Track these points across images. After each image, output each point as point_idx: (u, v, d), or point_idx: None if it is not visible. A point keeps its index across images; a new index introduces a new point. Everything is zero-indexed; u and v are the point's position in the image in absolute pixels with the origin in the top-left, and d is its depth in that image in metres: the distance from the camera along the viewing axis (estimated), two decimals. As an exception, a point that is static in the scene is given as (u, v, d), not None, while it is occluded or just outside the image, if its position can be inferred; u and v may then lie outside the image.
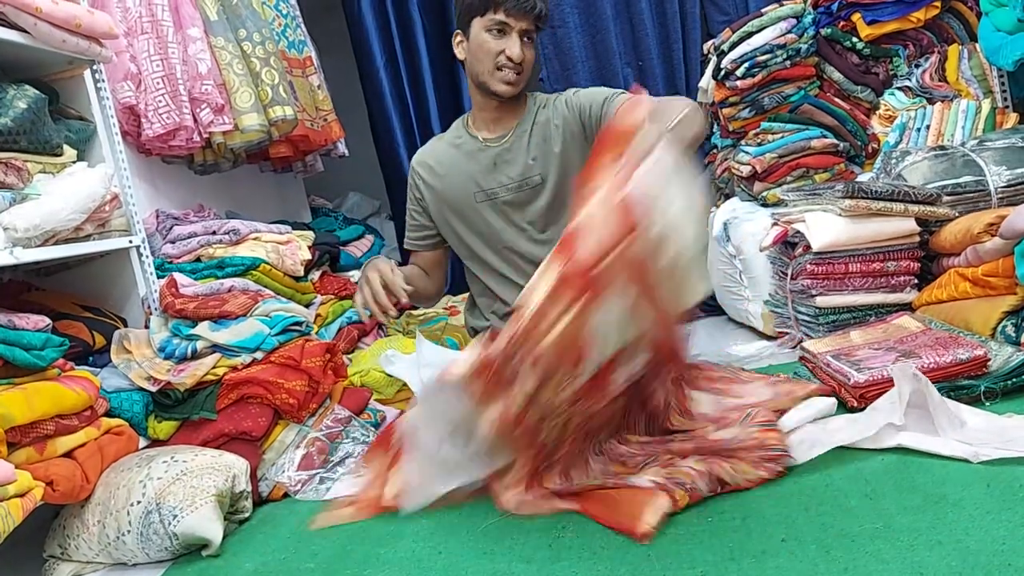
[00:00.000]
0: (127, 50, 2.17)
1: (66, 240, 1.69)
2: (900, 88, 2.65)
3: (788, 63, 2.77)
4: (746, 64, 2.75)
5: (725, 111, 2.92)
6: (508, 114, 1.84)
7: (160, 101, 2.18)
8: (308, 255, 2.44)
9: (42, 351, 1.53)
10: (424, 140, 3.47)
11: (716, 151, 3.17)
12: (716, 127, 3.12)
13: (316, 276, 2.63)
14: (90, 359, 1.84)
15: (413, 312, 3.12)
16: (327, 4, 3.60)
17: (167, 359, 1.82)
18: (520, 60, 1.73)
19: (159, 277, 2.02)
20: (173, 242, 2.15)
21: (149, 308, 1.98)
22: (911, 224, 2.03)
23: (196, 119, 2.27)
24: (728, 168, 2.95)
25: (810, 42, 2.78)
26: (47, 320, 1.59)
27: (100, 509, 1.53)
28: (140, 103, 2.18)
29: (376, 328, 2.92)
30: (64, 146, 1.74)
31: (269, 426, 1.83)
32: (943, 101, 2.45)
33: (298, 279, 2.37)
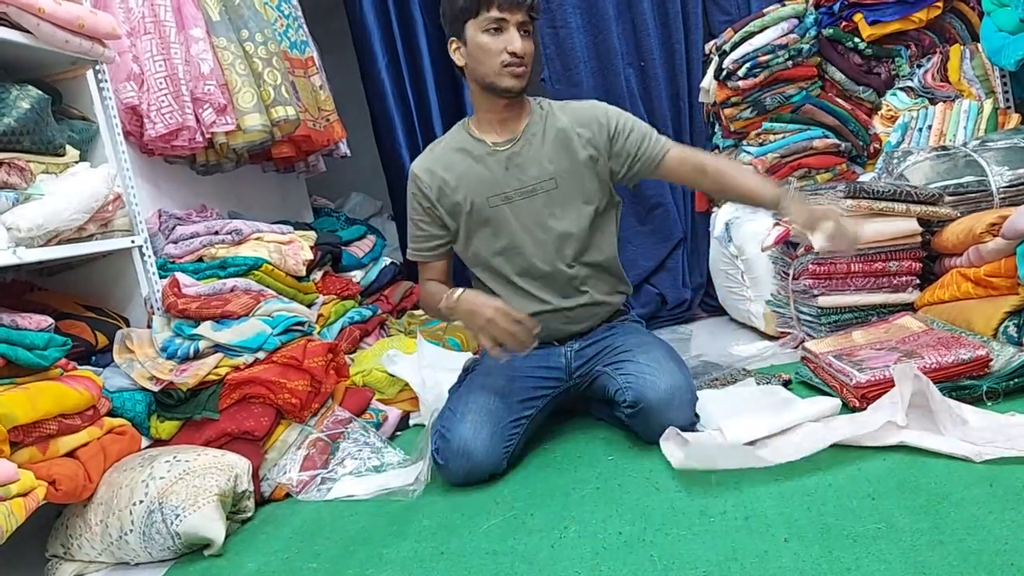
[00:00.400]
0: (130, 50, 2.17)
1: (69, 240, 1.70)
2: (902, 88, 2.65)
3: (790, 63, 2.78)
4: (748, 64, 2.76)
5: (727, 111, 2.92)
6: (514, 115, 1.83)
7: (163, 101, 2.18)
8: (310, 255, 2.44)
9: (45, 351, 1.53)
10: (426, 140, 3.50)
11: (718, 151, 3.17)
12: (718, 127, 3.12)
13: (318, 276, 2.63)
14: (93, 359, 1.84)
15: (415, 312, 3.13)
16: (329, 4, 3.60)
17: (169, 359, 1.82)
18: (523, 53, 1.73)
19: (161, 277, 2.02)
20: (175, 242, 2.15)
21: (151, 308, 1.98)
22: (913, 224, 2.03)
23: (198, 119, 2.27)
24: (730, 168, 2.95)
25: (812, 42, 2.78)
26: (50, 320, 1.59)
27: (103, 509, 1.54)
28: (143, 103, 2.18)
29: (377, 328, 2.92)
30: (67, 146, 1.75)
31: (271, 426, 1.83)
32: (945, 101, 2.44)
33: (300, 279, 2.37)
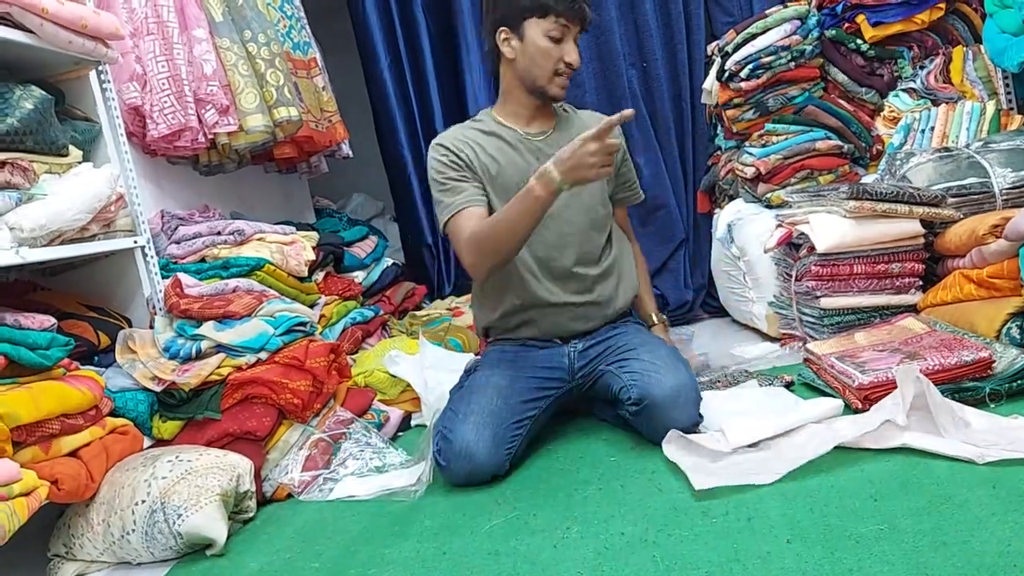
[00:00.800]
0: (133, 51, 2.18)
1: (72, 240, 1.70)
2: (905, 90, 2.64)
3: (792, 65, 2.77)
4: (750, 65, 2.75)
5: (729, 112, 2.91)
6: (544, 112, 1.88)
7: (165, 102, 2.19)
8: (312, 256, 2.44)
9: (47, 351, 1.53)
10: (428, 141, 3.46)
11: (720, 153, 3.17)
12: (720, 129, 3.12)
13: (320, 277, 2.63)
14: (95, 359, 1.85)
15: (417, 313, 3.13)
16: (332, 5, 3.60)
17: (172, 359, 1.82)
18: (577, 65, 1.80)
19: (164, 277, 2.02)
20: (178, 242, 2.15)
21: (154, 308, 1.98)
22: (916, 226, 2.03)
23: (201, 120, 2.27)
24: (732, 170, 2.95)
25: (814, 44, 2.78)
26: (52, 320, 1.60)
27: (105, 508, 1.54)
28: (145, 104, 2.18)
29: (379, 329, 2.92)
30: (70, 146, 1.75)
31: (273, 426, 1.83)
32: (948, 103, 2.44)
33: (302, 279, 2.37)
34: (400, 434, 2.21)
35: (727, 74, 2.84)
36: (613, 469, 1.58)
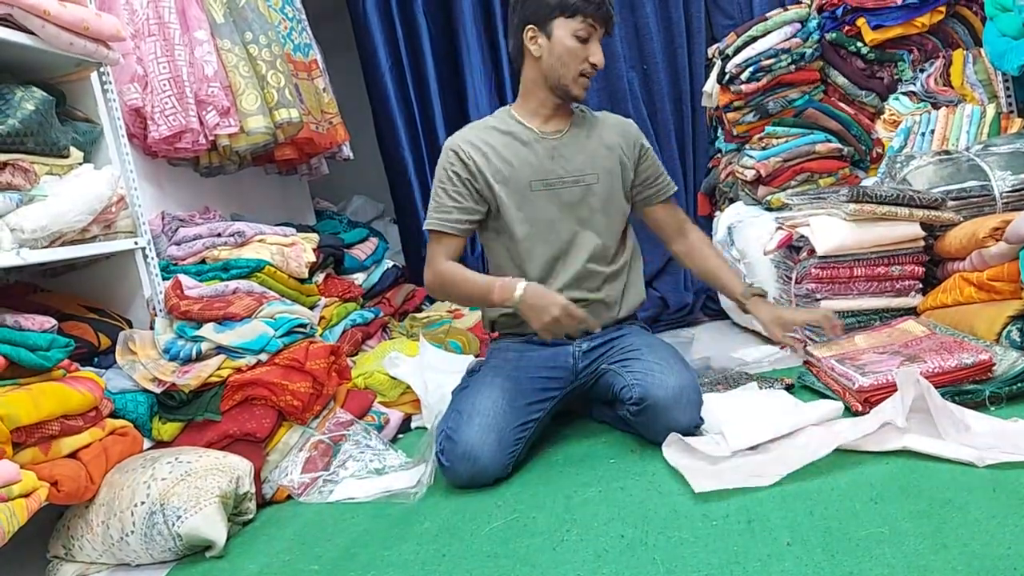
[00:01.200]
0: (134, 52, 2.18)
1: (72, 241, 1.70)
2: (905, 93, 2.65)
3: (793, 67, 2.78)
4: (751, 68, 2.76)
5: (730, 115, 2.92)
6: (562, 112, 1.90)
7: (166, 103, 2.19)
8: (313, 257, 2.44)
9: (48, 352, 1.53)
10: (429, 143, 3.51)
11: (720, 155, 3.17)
12: (720, 131, 3.13)
13: (320, 278, 2.63)
14: (95, 360, 1.85)
15: (417, 315, 3.13)
16: (333, 7, 3.61)
17: (172, 360, 1.82)
18: (602, 66, 1.82)
19: (164, 279, 2.02)
20: (178, 244, 2.15)
21: (154, 310, 1.98)
22: (916, 228, 2.03)
23: (202, 121, 2.27)
24: (732, 172, 2.95)
25: (815, 47, 2.78)
26: (53, 321, 1.60)
27: (104, 510, 1.54)
28: (146, 105, 2.19)
29: (379, 331, 2.92)
30: (71, 148, 1.75)
31: (273, 428, 1.83)
32: (948, 106, 2.44)
33: (303, 281, 2.37)
34: (400, 436, 2.21)
35: (727, 77, 2.84)
36: (613, 471, 1.58)
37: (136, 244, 1.94)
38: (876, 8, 2.61)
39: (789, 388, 1.91)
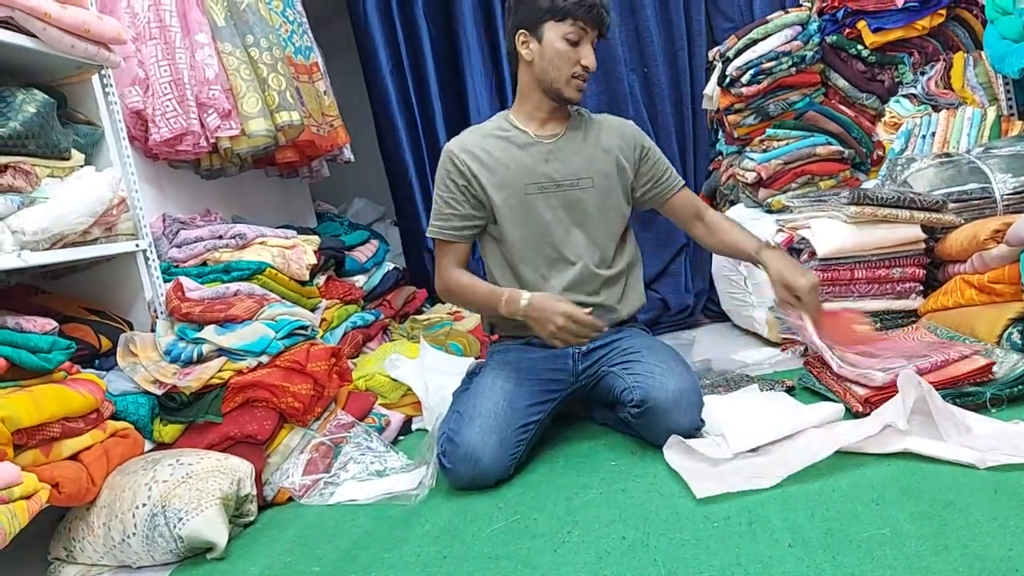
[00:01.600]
0: (135, 55, 2.18)
1: (73, 243, 1.70)
2: (905, 95, 2.65)
3: (793, 70, 2.78)
4: (751, 71, 2.76)
5: (730, 118, 2.92)
6: (559, 115, 1.90)
7: (167, 106, 2.19)
8: (314, 259, 2.44)
9: (49, 354, 1.53)
10: (430, 145, 3.52)
11: (721, 158, 3.17)
12: (721, 134, 3.13)
13: (321, 280, 2.63)
14: (96, 362, 1.85)
15: (417, 317, 3.13)
16: (333, 9, 3.61)
17: (173, 362, 1.82)
18: (593, 69, 1.82)
19: (165, 281, 2.02)
20: (179, 246, 2.16)
21: (155, 312, 1.98)
22: (917, 231, 2.03)
23: (203, 124, 2.27)
24: (733, 175, 2.95)
25: (815, 49, 2.79)
26: (54, 323, 1.60)
27: (105, 512, 1.54)
28: (148, 108, 2.19)
29: (380, 333, 2.92)
30: (72, 150, 1.75)
31: (274, 430, 1.83)
32: (948, 108, 2.45)
33: (303, 283, 2.37)
34: (401, 438, 2.21)
35: (728, 79, 2.85)
36: (614, 473, 1.58)
37: (137, 246, 1.95)
38: (877, 11, 2.61)
39: (790, 390, 1.91)
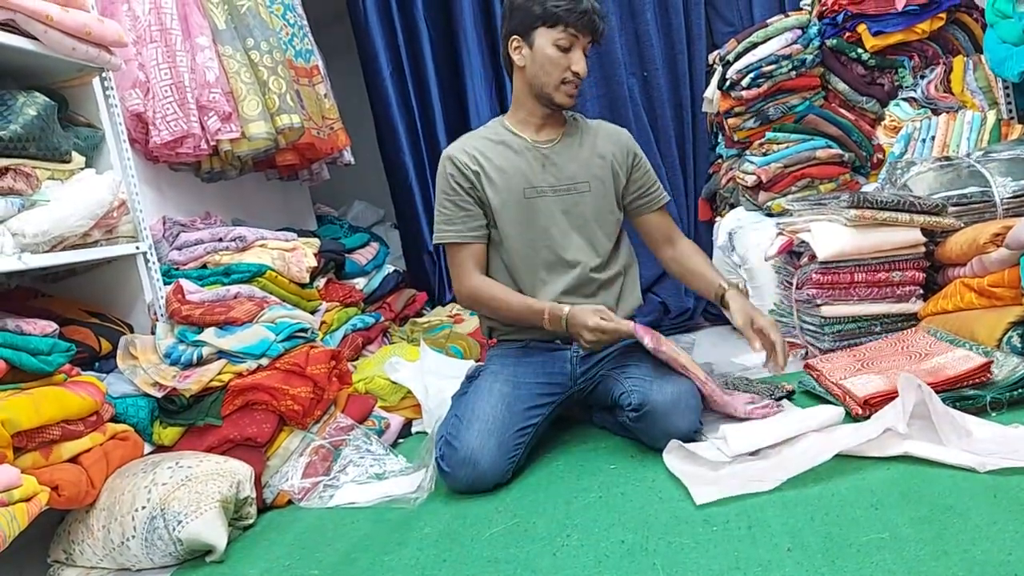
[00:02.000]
0: (136, 58, 2.19)
1: (74, 246, 1.70)
2: (905, 99, 2.65)
3: (793, 73, 2.78)
4: (751, 74, 2.76)
5: (730, 121, 2.92)
6: (554, 121, 1.91)
7: (168, 109, 2.20)
8: (314, 262, 2.44)
9: (49, 356, 1.53)
10: (430, 148, 3.52)
11: (721, 161, 3.17)
12: (721, 137, 3.13)
13: (321, 283, 2.64)
14: (96, 365, 1.85)
15: (417, 320, 3.13)
16: (333, 12, 3.62)
17: (173, 365, 1.82)
18: (584, 75, 1.82)
19: (165, 283, 2.02)
20: (180, 248, 2.16)
21: (155, 314, 1.98)
22: (916, 234, 2.03)
23: (203, 127, 2.28)
24: (733, 178, 2.95)
25: (815, 53, 2.79)
26: (54, 325, 1.60)
27: (105, 514, 1.54)
28: (148, 111, 2.19)
29: (380, 336, 2.92)
30: (73, 153, 1.75)
31: (274, 432, 1.83)
32: (948, 112, 2.45)
33: (304, 286, 2.37)
34: (401, 441, 2.21)
35: (728, 83, 2.85)
36: (613, 477, 1.58)
37: (137, 249, 1.95)
38: (877, 14, 2.61)
39: (790, 394, 1.91)
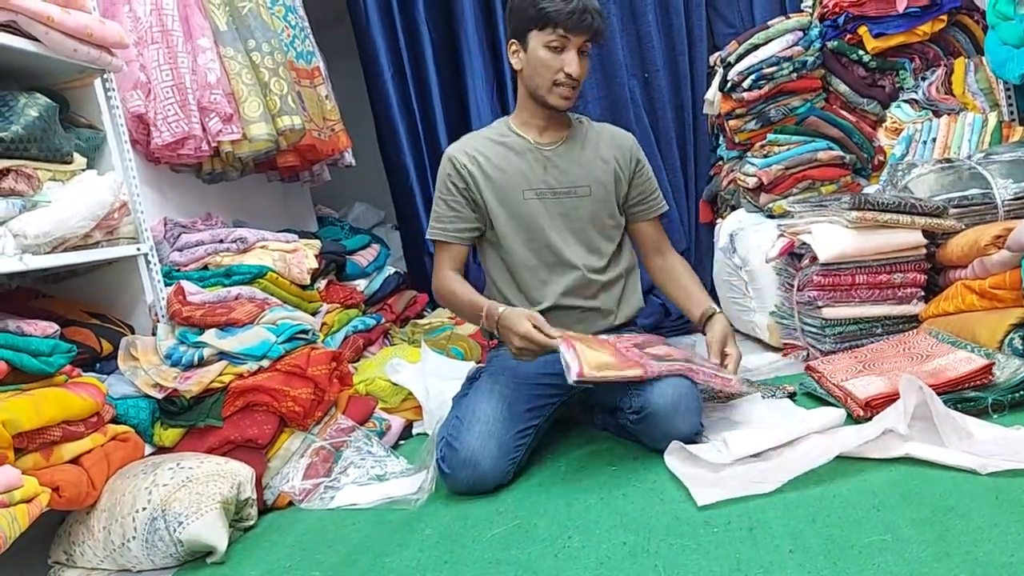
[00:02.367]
0: (137, 59, 2.19)
1: (75, 247, 1.70)
2: (906, 101, 2.65)
3: (794, 75, 2.78)
4: (752, 76, 2.76)
5: (731, 123, 2.92)
6: (557, 123, 1.91)
7: (169, 110, 2.20)
8: (315, 264, 2.44)
9: (50, 357, 1.53)
10: (431, 150, 3.52)
11: (722, 163, 3.17)
12: (722, 139, 3.13)
13: (322, 285, 2.63)
14: (97, 366, 1.85)
15: (419, 321, 3.13)
16: (334, 14, 3.62)
17: (174, 366, 1.82)
18: (578, 76, 1.80)
19: (166, 285, 2.02)
20: (181, 250, 2.16)
21: (156, 315, 1.98)
22: (918, 236, 2.03)
23: (205, 128, 2.28)
24: (734, 179, 2.95)
25: (816, 55, 2.79)
26: (56, 327, 1.59)
27: (106, 515, 1.54)
28: (149, 112, 2.19)
29: (381, 337, 2.92)
30: (74, 154, 1.75)
31: (274, 434, 1.83)
32: (949, 114, 2.45)
33: (304, 287, 2.37)
34: (401, 442, 2.21)
35: (729, 84, 2.85)
36: (615, 478, 1.58)
37: (138, 250, 1.95)
38: (878, 16, 2.61)
39: (791, 396, 1.91)
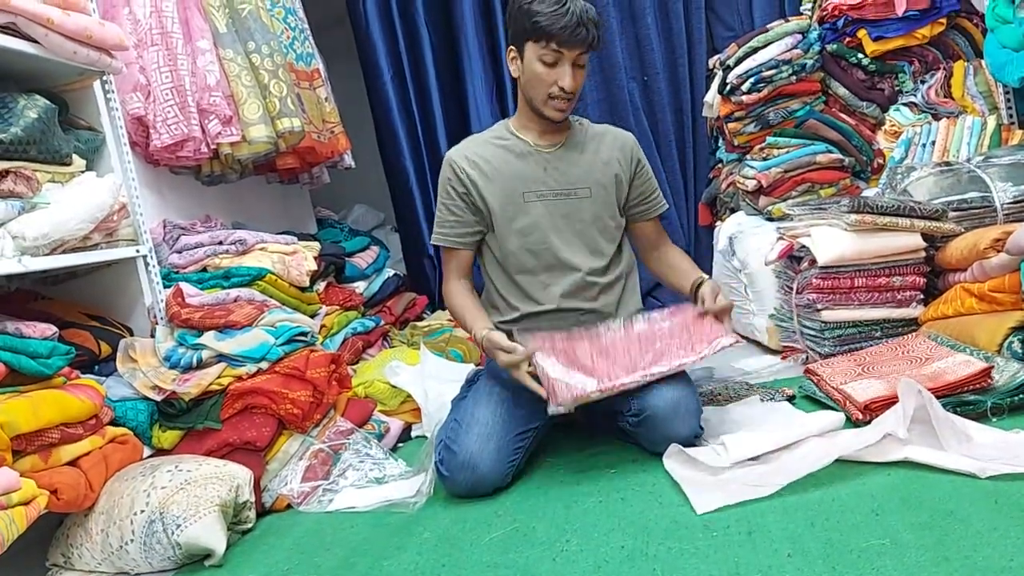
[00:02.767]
0: (137, 61, 2.19)
1: (74, 249, 1.70)
2: (906, 104, 2.65)
3: (794, 78, 2.79)
4: (752, 79, 2.77)
5: (731, 125, 2.92)
6: (556, 127, 1.90)
7: (169, 112, 2.20)
8: (314, 266, 2.44)
9: (48, 359, 1.53)
10: (430, 152, 3.52)
11: (721, 165, 3.18)
12: (722, 141, 3.13)
13: (321, 287, 2.63)
14: (96, 368, 1.84)
15: (418, 324, 3.13)
16: (334, 16, 3.62)
17: (172, 368, 1.82)
18: (572, 89, 1.78)
19: (165, 287, 2.02)
20: (180, 252, 2.15)
21: (155, 317, 1.98)
22: (917, 239, 2.03)
23: (204, 130, 2.28)
24: (733, 182, 2.96)
25: (816, 58, 2.79)
26: (54, 328, 1.59)
27: (104, 518, 1.53)
28: (149, 114, 2.19)
29: (380, 339, 2.92)
30: (73, 156, 1.75)
31: (273, 436, 1.83)
32: (948, 117, 2.45)
33: (304, 289, 2.37)
34: (400, 445, 2.20)
35: (728, 87, 2.85)
36: (613, 482, 1.57)
37: (137, 252, 1.94)
38: (877, 20, 2.62)
39: (791, 399, 1.91)
